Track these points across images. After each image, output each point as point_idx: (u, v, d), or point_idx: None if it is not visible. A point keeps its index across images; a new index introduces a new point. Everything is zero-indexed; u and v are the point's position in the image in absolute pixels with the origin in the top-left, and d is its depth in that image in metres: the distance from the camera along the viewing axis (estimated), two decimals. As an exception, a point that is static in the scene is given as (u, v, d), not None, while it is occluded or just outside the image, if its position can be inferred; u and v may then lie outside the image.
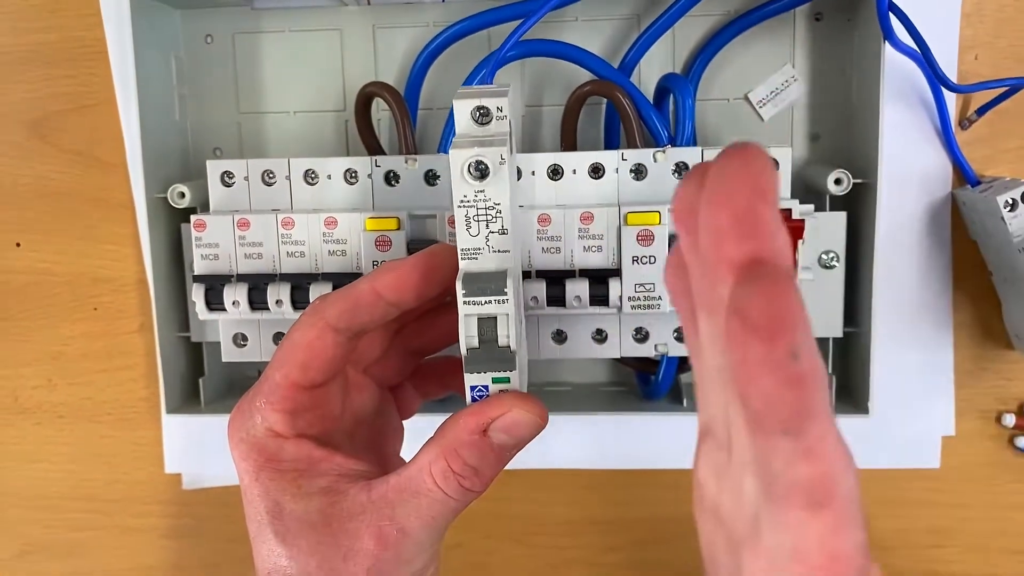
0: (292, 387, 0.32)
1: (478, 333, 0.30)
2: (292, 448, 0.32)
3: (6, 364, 0.53)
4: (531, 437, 0.31)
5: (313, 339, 0.32)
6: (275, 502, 0.31)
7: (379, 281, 0.32)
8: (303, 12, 0.48)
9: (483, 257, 0.30)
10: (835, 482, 0.19)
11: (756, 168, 0.19)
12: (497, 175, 0.29)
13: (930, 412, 0.49)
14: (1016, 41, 0.46)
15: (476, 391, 0.31)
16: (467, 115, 0.31)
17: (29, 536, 0.55)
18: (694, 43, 0.47)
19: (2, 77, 0.50)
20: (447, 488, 0.31)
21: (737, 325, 0.18)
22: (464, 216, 0.30)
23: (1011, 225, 0.43)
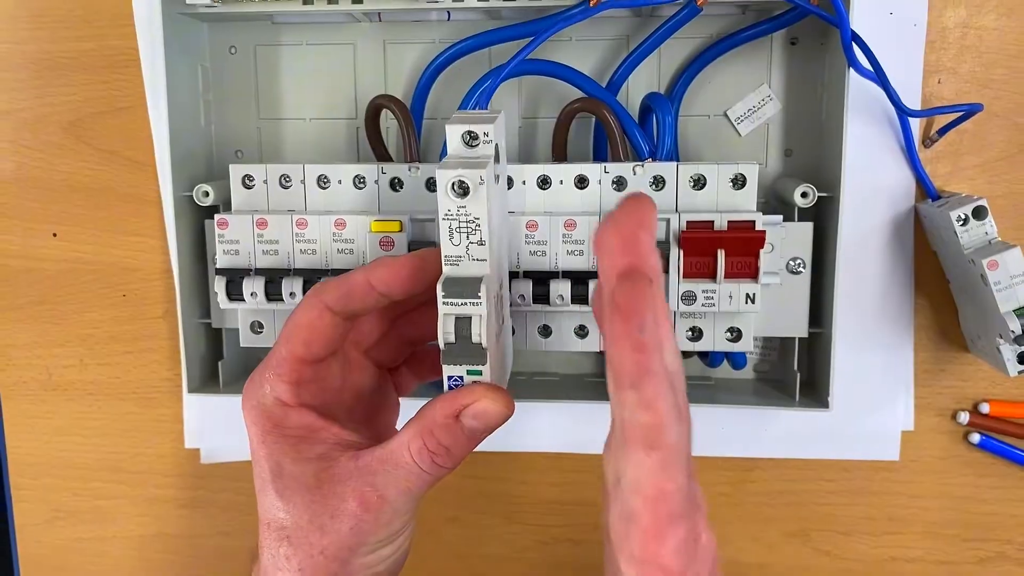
0: (296, 361, 0.37)
1: (455, 330, 0.34)
2: (295, 416, 0.37)
3: (41, 344, 0.58)
4: (498, 424, 0.35)
5: (314, 319, 0.36)
6: (277, 463, 0.36)
7: (372, 273, 0.36)
8: (319, 27, 0.52)
9: (463, 264, 0.34)
10: (663, 431, 0.25)
11: (641, 209, 0.27)
12: (477, 193, 0.33)
13: (891, 408, 0.53)
14: (977, 67, 0.50)
15: (452, 380, 0.35)
16: (458, 138, 0.35)
17: (59, 503, 0.60)
18: (678, 63, 0.51)
19: (43, 81, 0.55)
20: (422, 463, 0.35)
21: (611, 310, 0.25)
22: (448, 227, 0.34)
23: (962, 238, 0.47)
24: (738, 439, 0.54)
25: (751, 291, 0.43)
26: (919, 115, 0.48)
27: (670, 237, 0.43)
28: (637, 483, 0.26)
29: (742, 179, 0.44)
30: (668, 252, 0.43)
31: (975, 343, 0.51)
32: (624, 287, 0.25)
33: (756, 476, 0.55)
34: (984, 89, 0.50)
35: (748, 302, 0.43)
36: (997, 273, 0.45)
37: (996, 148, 0.51)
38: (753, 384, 0.53)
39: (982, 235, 0.47)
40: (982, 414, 0.53)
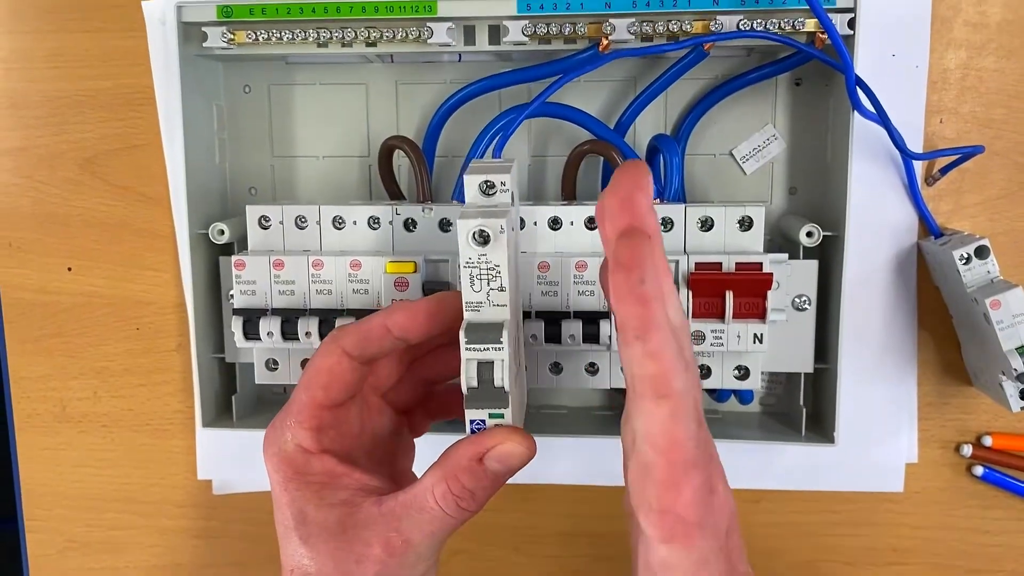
0: (317, 406, 0.37)
1: (477, 375, 0.34)
2: (317, 463, 0.37)
3: (56, 377, 0.59)
4: (520, 466, 0.35)
5: (333, 364, 0.37)
6: (300, 510, 0.37)
7: (390, 318, 0.37)
8: (332, 67, 0.53)
9: (484, 310, 0.35)
10: (670, 379, 0.26)
11: (637, 173, 0.28)
12: (497, 242, 0.34)
13: (895, 441, 0.54)
14: (977, 107, 0.51)
15: (475, 424, 0.35)
16: (475, 187, 0.36)
17: (72, 534, 0.60)
18: (684, 104, 0.52)
19: (60, 119, 0.56)
20: (446, 507, 0.35)
21: (613, 265, 0.26)
22: (469, 275, 0.34)
23: (965, 277, 0.48)
24: (745, 472, 0.55)
25: (759, 331, 0.44)
26: (922, 158, 0.49)
27: (679, 278, 0.44)
28: (649, 434, 0.27)
29: (749, 221, 0.45)
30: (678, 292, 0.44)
31: (978, 377, 0.51)
32: (623, 243, 0.26)
33: (763, 508, 0.56)
34: (985, 129, 0.51)
35: (756, 342, 0.44)
36: (1000, 312, 0.46)
37: (997, 186, 0.52)
38: (760, 418, 0.54)
39: (984, 274, 0.48)
40: (985, 447, 0.53)
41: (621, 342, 0.27)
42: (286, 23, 0.48)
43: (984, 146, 0.49)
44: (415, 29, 0.47)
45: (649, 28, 0.46)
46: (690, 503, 0.28)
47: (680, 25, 0.46)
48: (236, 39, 0.48)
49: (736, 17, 0.45)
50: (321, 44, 0.48)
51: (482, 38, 0.48)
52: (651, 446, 0.27)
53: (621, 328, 0.27)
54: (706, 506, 0.28)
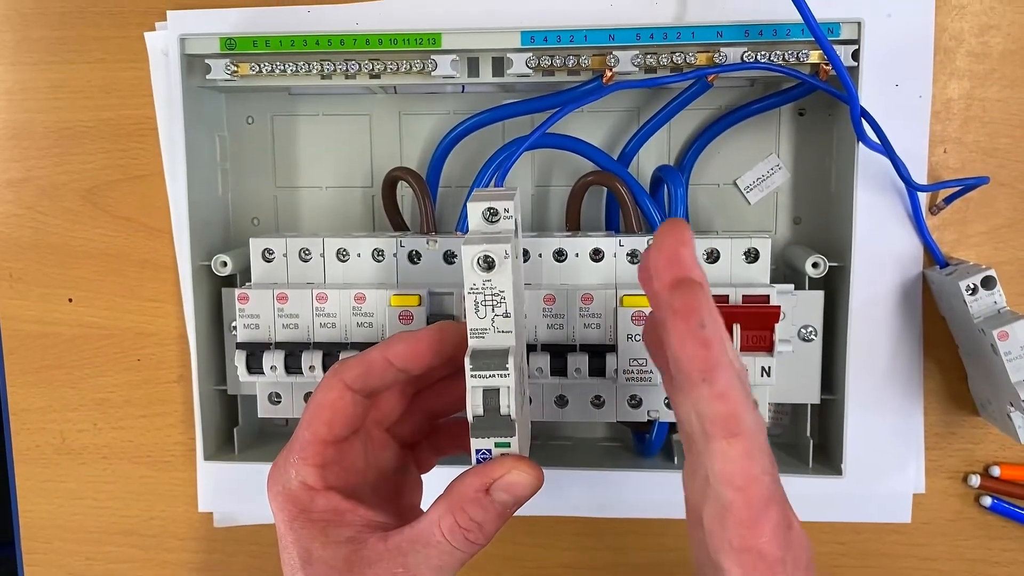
0: (320, 443, 0.37)
1: (483, 403, 0.34)
2: (322, 500, 0.37)
3: (55, 408, 0.58)
4: (528, 496, 0.35)
5: (335, 399, 0.37)
6: (306, 548, 0.36)
7: (390, 350, 0.37)
8: (336, 98, 0.53)
9: (489, 336, 0.34)
10: (741, 417, 0.27)
11: (678, 230, 0.29)
12: (502, 267, 0.33)
13: (902, 471, 0.54)
14: (981, 137, 0.51)
15: (480, 454, 0.35)
16: (479, 215, 0.35)
17: (72, 567, 0.60)
18: (688, 134, 0.52)
19: (62, 149, 0.56)
20: (454, 540, 0.35)
21: (669, 315, 0.27)
22: (473, 301, 0.34)
23: (972, 307, 0.47)
24: (751, 503, 0.54)
25: (767, 364, 0.44)
26: (927, 189, 0.49)
27: (685, 311, 0.43)
28: (725, 473, 0.28)
29: (755, 253, 0.44)
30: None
31: (985, 408, 0.51)
32: (678, 293, 0.27)
33: (769, 539, 0.55)
34: (988, 158, 0.51)
35: (764, 375, 0.44)
36: (1008, 344, 0.46)
37: (1001, 216, 0.51)
38: (765, 448, 0.54)
39: (991, 304, 0.47)
40: (993, 477, 0.53)
41: (684, 387, 0.28)
42: (289, 55, 0.48)
43: (989, 177, 0.49)
44: (419, 61, 0.47)
45: (653, 60, 0.46)
46: (771, 539, 0.28)
47: (684, 57, 0.46)
48: (239, 71, 0.48)
49: (740, 49, 0.45)
50: (325, 76, 0.48)
51: (486, 70, 0.48)
52: (728, 485, 0.28)
53: (685, 373, 0.27)
54: (786, 541, 0.29)
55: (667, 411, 0.46)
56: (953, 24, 0.50)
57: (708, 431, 0.27)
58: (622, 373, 0.44)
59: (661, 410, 0.46)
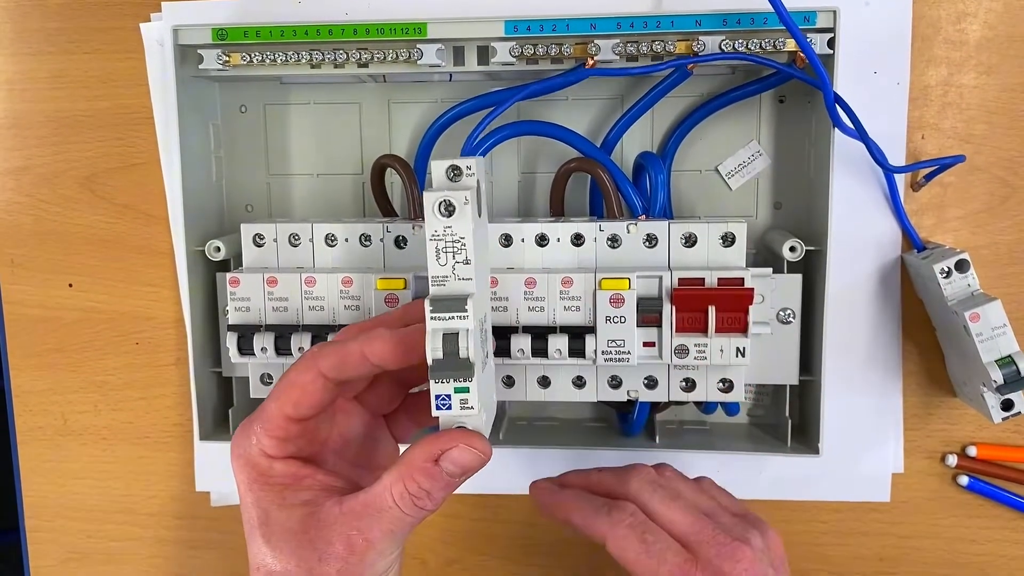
0: (284, 419, 0.38)
1: (443, 346, 0.34)
2: (280, 467, 0.38)
3: (57, 391, 0.60)
4: (475, 469, 0.36)
5: (307, 382, 0.37)
6: (264, 510, 0.38)
7: (368, 346, 0.37)
8: (326, 87, 0.55)
9: (450, 284, 0.35)
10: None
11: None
12: (462, 213, 0.34)
13: (881, 451, 0.55)
14: (958, 123, 0.52)
15: (440, 400, 0.35)
16: (442, 173, 0.36)
17: (73, 545, 0.61)
18: (671, 121, 0.53)
19: (61, 138, 0.57)
20: (403, 506, 0.36)
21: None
22: (435, 248, 0.35)
23: (946, 290, 0.49)
24: (733, 482, 0.55)
25: (741, 345, 0.45)
26: (902, 171, 0.50)
27: (663, 293, 0.45)
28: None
29: (731, 237, 0.46)
30: (661, 308, 0.45)
31: (961, 389, 0.52)
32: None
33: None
34: (965, 144, 0.52)
35: (738, 355, 0.45)
36: (979, 325, 0.47)
37: (978, 200, 0.52)
38: (747, 429, 0.55)
39: (965, 287, 0.48)
40: (970, 457, 0.54)
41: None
42: (280, 45, 0.49)
43: (964, 156, 0.49)
44: (405, 50, 0.48)
45: (634, 48, 0.47)
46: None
47: (664, 46, 0.47)
48: (231, 61, 0.49)
49: (718, 37, 0.46)
50: (314, 65, 0.49)
51: (471, 58, 0.49)
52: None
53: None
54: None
55: (646, 391, 0.47)
56: (930, 12, 0.51)
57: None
58: (601, 354, 0.45)
59: (640, 390, 0.47)
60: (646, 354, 0.46)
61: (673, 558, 0.41)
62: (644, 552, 0.41)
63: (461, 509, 0.59)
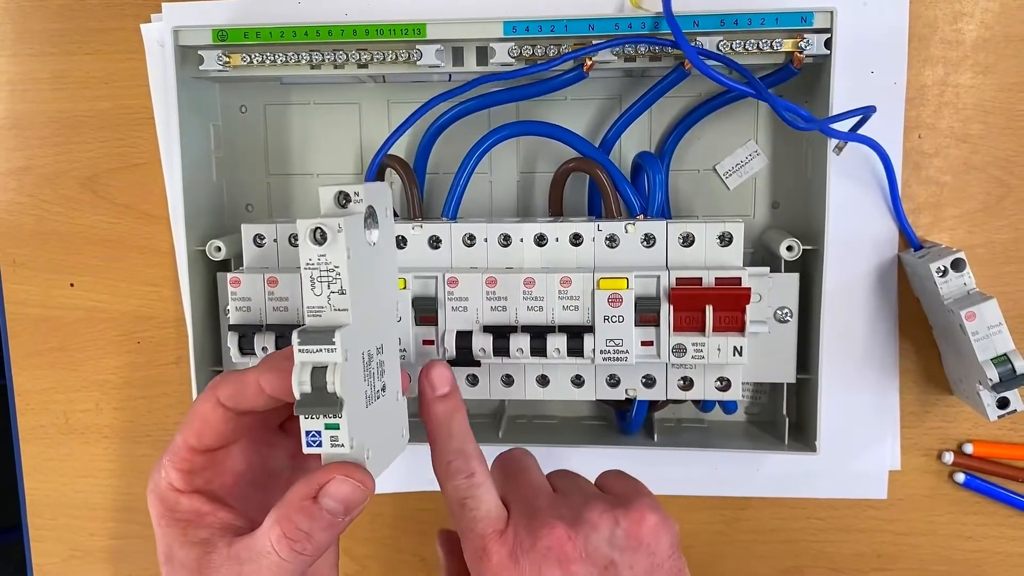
0: (188, 450, 0.37)
1: (310, 380, 0.32)
2: (185, 501, 0.37)
3: (59, 390, 0.60)
4: (357, 504, 0.34)
5: (207, 412, 0.36)
6: (168, 546, 0.36)
7: (263, 377, 0.35)
8: (326, 87, 0.55)
9: (325, 314, 0.33)
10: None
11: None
12: (335, 242, 0.33)
13: (878, 448, 0.55)
14: (955, 122, 0.52)
15: (310, 436, 0.33)
16: (330, 199, 0.35)
17: (76, 543, 0.62)
18: (669, 121, 0.53)
19: (62, 138, 0.57)
20: (280, 551, 0.33)
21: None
22: (309, 277, 0.33)
23: (942, 289, 0.49)
24: (731, 480, 0.56)
25: (738, 344, 0.45)
26: (821, 126, 0.47)
27: (660, 293, 0.45)
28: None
29: (729, 237, 0.46)
30: (659, 307, 0.45)
31: (958, 386, 0.53)
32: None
33: (749, 515, 0.57)
34: (962, 143, 0.52)
35: (735, 354, 0.45)
36: (975, 324, 0.47)
37: (975, 200, 0.53)
38: (744, 427, 0.55)
39: (960, 286, 0.49)
40: (966, 454, 0.55)
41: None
42: (279, 46, 0.49)
43: (875, 106, 0.48)
44: (405, 51, 0.48)
45: (632, 49, 0.47)
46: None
47: (661, 46, 0.47)
48: (231, 62, 0.49)
49: (716, 38, 0.47)
50: (314, 66, 0.49)
51: (470, 59, 0.49)
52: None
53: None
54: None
55: (644, 390, 0.48)
56: (927, 11, 0.52)
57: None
58: (600, 353, 0.45)
59: (638, 388, 0.48)
60: (644, 353, 0.46)
61: (482, 527, 0.35)
62: (458, 516, 0.36)
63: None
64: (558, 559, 0.34)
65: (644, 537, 0.35)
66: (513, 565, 0.34)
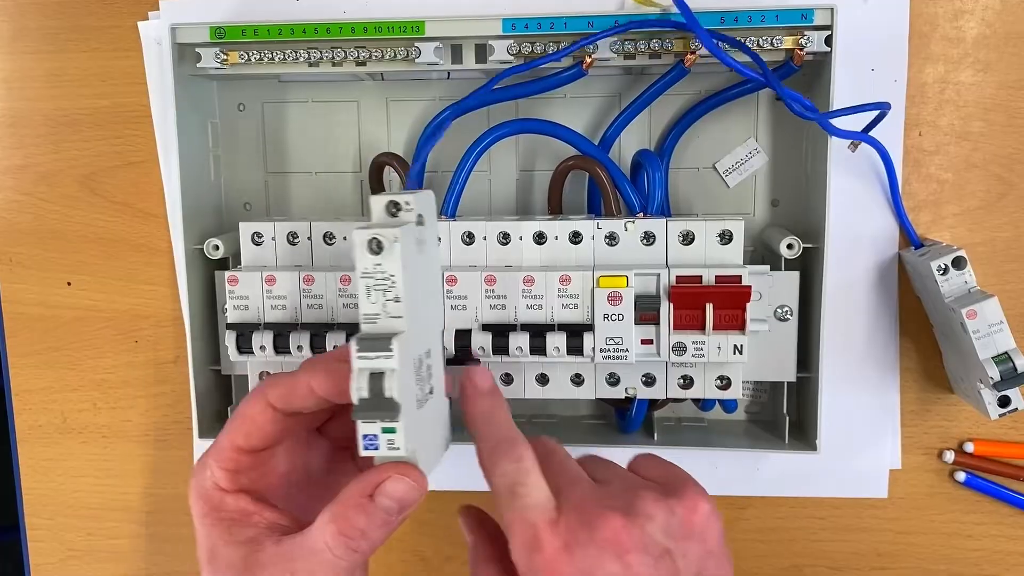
0: (235, 450, 0.37)
1: (368, 385, 0.33)
2: (231, 501, 0.37)
3: (56, 389, 0.60)
4: (412, 503, 0.35)
5: (256, 413, 0.37)
6: (213, 545, 0.37)
7: (314, 379, 0.36)
8: (325, 85, 0.55)
9: (381, 322, 0.34)
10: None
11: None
12: (391, 251, 0.33)
13: (879, 447, 0.55)
14: (955, 120, 0.52)
15: (367, 439, 0.34)
16: (381, 208, 0.36)
17: (73, 543, 0.62)
18: (668, 119, 0.53)
19: (59, 136, 0.57)
20: (335, 549, 0.34)
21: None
22: (365, 286, 0.34)
23: (943, 287, 0.49)
24: (731, 479, 0.56)
25: (738, 342, 0.45)
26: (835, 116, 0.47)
27: (660, 291, 0.45)
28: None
29: (729, 235, 0.46)
30: (659, 306, 0.45)
31: (958, 385, 0.52)
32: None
33: (749, 514, 0.57)
34: (963, 141, 0.52)
35: (736, 353, 0.45)
36: (976, 322, 0.47)
37: (976, 197, 0.53)
38: (745, 426, 0.55)
39: (961, 284, 0.49)
40: (967, 453, 0.54)
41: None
42: (277, 44, 0.49)
43: (890, 104, 0.48)
44: (403, 48, 0.48)
45: (631, 46, 0.47)
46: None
47: (661, 43, 0.47)
48: (229, 59, 0.49)
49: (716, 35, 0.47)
50: (312, 64, 0.49)
51: (469, 56, 0.49)
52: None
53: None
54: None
55: (644, 388, 0.48)
56: (928, 9, 0.51)
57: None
58: (599, 352, 0.45)
59: (638, 387, 0.47)
60: (644, 351, 0.46)
61: (534, 516, 0.33)
62: (508, 503, 0.34)
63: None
64: (615, 551, 0.32)
65: (697, 525, 0.34)
66: (568, 557, 0.32)
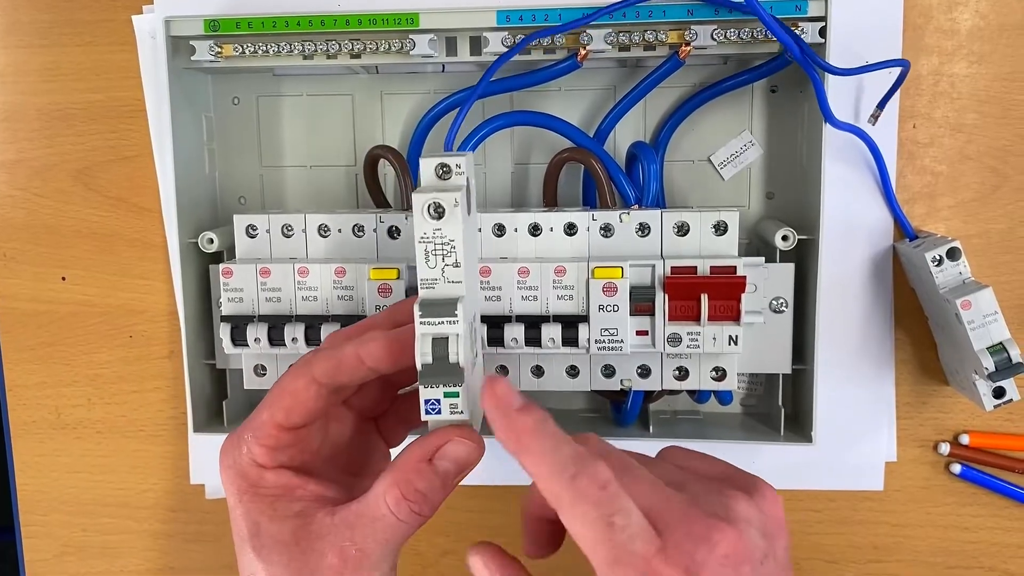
0: (275, 427, 0.36)
1: (432, 351, 0.34)
2: (272, 476, 0.37)
3: (50, 385, 0.60)
4: (471, 464, 0.35)
5: (299, 389, 0.36)
6: (255, 522, 0.36)
7: (363, 348, 0.36)
8: (319, 78, 0.55)
9: (439, 286, 0.34)
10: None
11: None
12: (452, 215, 0.33)
13: (874, 440, 0.55)
14: (950, 112, 0.52)
15: (429, 404, 0.34)
16: (431, 171, 0.35)
17: (68, 539, 0.61)
18: (663, 111, 0.53)
19: (54, 131, 0.57)
20: (399, 513, 0.35)
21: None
22: (424, 251, 0.34)
23: (937, 278, 0.49)
24: (727, 471, 0.56)
25: (734, 333, 0.45)
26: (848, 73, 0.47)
27: (655, 282, 0.45)
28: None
29: (724, 226, 0.46)
30: (654, 297, 0.45)
31: (954, 377, 0.52)
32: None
33: (745, 507, 0.57)
34: (957, 133, 0.52)
35: (731, 344, 0.45)
36: (970, 313, 0.47)
37: (970, 189, 0.53)
38: (740, 418, 0.55)
39: (956, 275, 0.49)
40: (962, 445, 0.54)
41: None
42: (272, 36, 0.49)
43: (909, 61, 0.48)
44: (398, 41, 0.48)
45: (626, 38, 0.47)
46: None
47: (656, 35, 0.47)
48: (223, 52, 0.49)
49: (711, 27, 0.47)
50: (307, 56, 0.49)
51: (463, 49, 0.49)
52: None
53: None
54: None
55: (639, 380, 0.48)
56: (922, 0, 0.51)
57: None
58: (594, 343, 0.45)
59: (633, 379, 0.47)
60: (639, 343, 0.46)
61: (642, 547, 0.29)
62: (607, 538, 0.30)
63: (456, 500, 0.58)
64: (734, 563, 0.30)
65: (782, 519, 0.34)
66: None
